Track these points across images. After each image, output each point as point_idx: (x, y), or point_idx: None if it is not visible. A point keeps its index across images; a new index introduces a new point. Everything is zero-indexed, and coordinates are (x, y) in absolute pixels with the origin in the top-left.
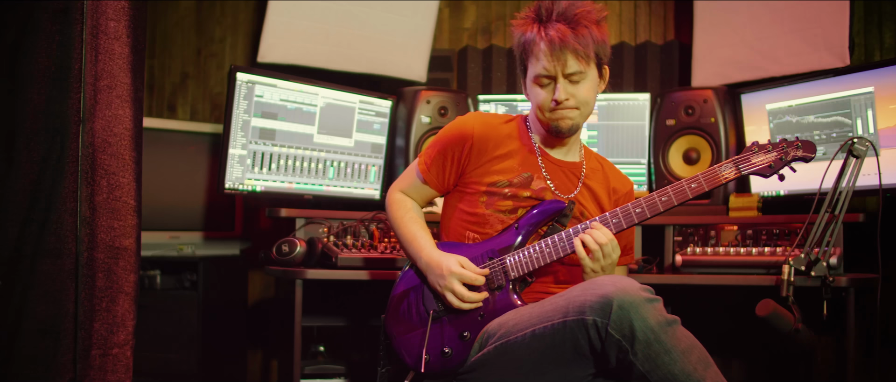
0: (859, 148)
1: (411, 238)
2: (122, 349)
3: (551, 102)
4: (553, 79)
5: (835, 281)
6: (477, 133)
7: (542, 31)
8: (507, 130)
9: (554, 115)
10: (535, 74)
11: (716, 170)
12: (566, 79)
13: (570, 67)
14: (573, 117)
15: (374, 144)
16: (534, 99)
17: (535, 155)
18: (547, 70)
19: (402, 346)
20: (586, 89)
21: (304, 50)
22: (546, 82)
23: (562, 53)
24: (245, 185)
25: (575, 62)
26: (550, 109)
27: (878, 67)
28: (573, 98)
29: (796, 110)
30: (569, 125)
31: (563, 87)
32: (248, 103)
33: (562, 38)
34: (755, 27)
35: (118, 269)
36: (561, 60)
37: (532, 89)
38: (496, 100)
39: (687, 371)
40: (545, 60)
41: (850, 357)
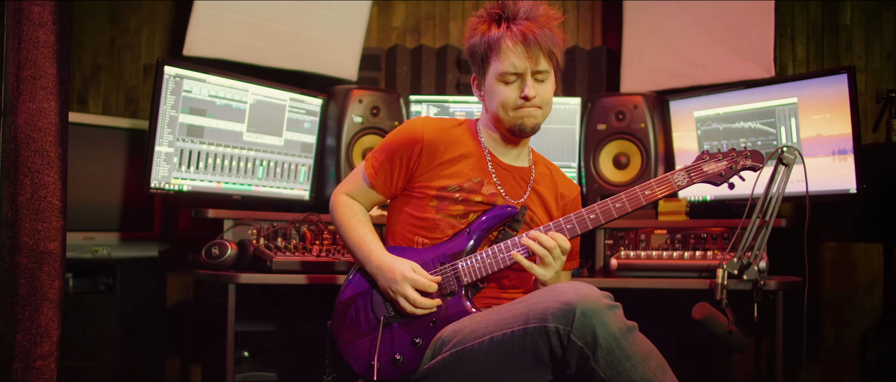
0: (788, 157)
1: (360, 242)
2: (46, 361)
3: (519, 100)
4: (521, 76)
5: (766, 284)
6: (427, 137)
7: (511, 29)
8: (457, 134)
9: (520, 113)
10: (502, 71)
11: (669, 177)
12: (533, 77)
13: (540, 65)
14: (537, 116)
15: (305, 143)
16: (497, 98)
17: (486, 160)
18: (516, 67)
19: (351, 353)
20: (548, 90)
21: (233, 44)
22: (513, 80)
23: (534, 50)
24: (171, 184)
25: (544, 61)
26: (516, 106)
27: (801, 79)
28: (538, 97)
29: (723, 118)
30: (533, 124)
31: (532, 83)
32: (176, 99)
33: (534, 36)
34: (684, 36)
35: (42, 275)
36: (533, 58)
37: (494, 88)
38: (427, 101)
39: (647, 377)
40: (515, 57)
41: (779, 358)
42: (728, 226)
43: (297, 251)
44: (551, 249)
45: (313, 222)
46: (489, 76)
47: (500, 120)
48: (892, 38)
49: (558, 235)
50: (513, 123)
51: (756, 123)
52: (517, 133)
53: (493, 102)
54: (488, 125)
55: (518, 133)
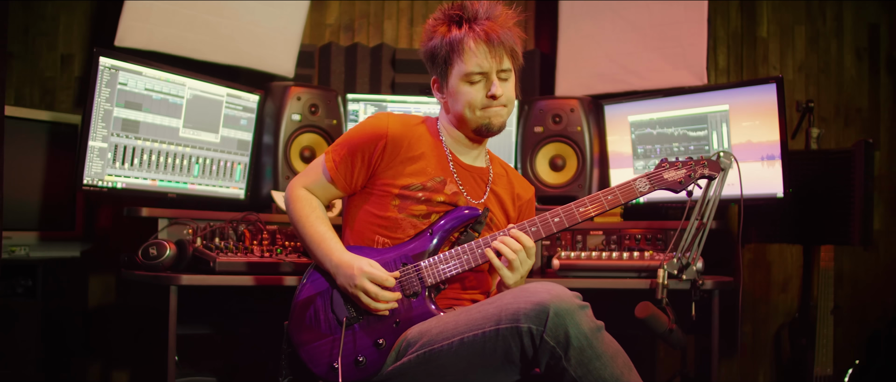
0: (724, 161)
1: (319, 239)
2: None
3: (486, 99)
4: (486, 75)
5: (704, 284)
6: (391, 133)
7: (473, 29)
8: (420, 132)
9: (487, 112)
10: (467, 71)
11: (632, 184)
12: (498, 76)
13: (504, 64)
14: (503, 115)
15: (241, 140)
16: (463, 98)
17: (447, 159)
18: (481, 67)
19: (310, 355)
20: (512, 88)
21: (167, 36)
22: (478, 80)
23: (498, 50)
24: (105, 181)
25: (507, 59)
26: (483, 106)
27: (733, 88)
28: (504, 95)
29: (657, 123)
30: (499, 123)
31: (498, 83)
32: (111, 91)
33: (498, 36)
34: (619, 43)
35: None
36: (497, 57)
37: (460, 89)
38: (365, 99)
39: (615, 375)
40: (481, 57)
41: (715, 354)
42: (661, 228)
43: (239, 251)
44: (517, 251)
45: (252, 222)
46: (453, 78)
47: (465, 121)
48: (803, 52)
49: (525, 237)
50: (480, 122)
51: (689, 129)
52: (484, 133)
53: (459, 103)
54: (450, 126)
55: (485, 133)
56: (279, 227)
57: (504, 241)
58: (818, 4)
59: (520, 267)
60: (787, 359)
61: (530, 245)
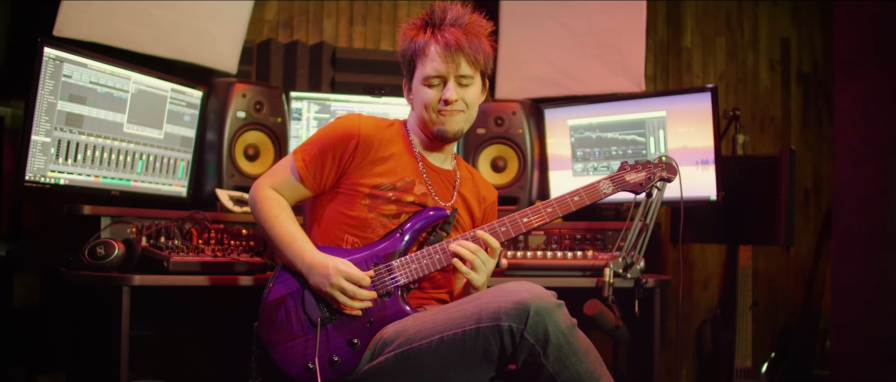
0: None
1: (289, 239)
2: None
3: (440, 102)
4: (444, 80)
5: (647, 282)
6: (363, 133)
7: (436, 35)
8: (390, 133)
9: (441, 117)
10: (426, 74)
11: (596, 186)
12: (456, 81)
13: (462, 70)
14: (458, 121)
15: (184, 137)
16: (421, 100)
17: (417, 161)
18: (438, 71)
19: (283, 356)
20: (473, 95)
21: (109, 27)
22: (436, 83)
23: (456, 56)
24: (47, 177)
25: (467, 66)
26: (438, 109)
27: (670, 95)
28: (461, 101)
29: (597, 128)
30: (455, 129)
31: (454, 88)
32: (55, 84)
33: (457, 42)
34: (559, 48)
35: None
36: (455, 62)
37: (419, 91)
38: (309, 98)
39: (589, 370)
40: (439, 61)
41: (657, 349)
42: (600, 228)
43: (190, 251)
44: (476, 252)
45: (198, 221)
46: (415, 80)
47: (425, 122)
48: (723, 62)
49: (487, 236)
50: (435, 126)
51: (627, 134)
52: (439, 138)
53: (418, 104)
54: (416, 127)
55: (440, 138)
56: (226, 226)
57: (462, 244)
58: (737, 18)
59: (482, 267)
60: (709, 353)
61: (495, 246)
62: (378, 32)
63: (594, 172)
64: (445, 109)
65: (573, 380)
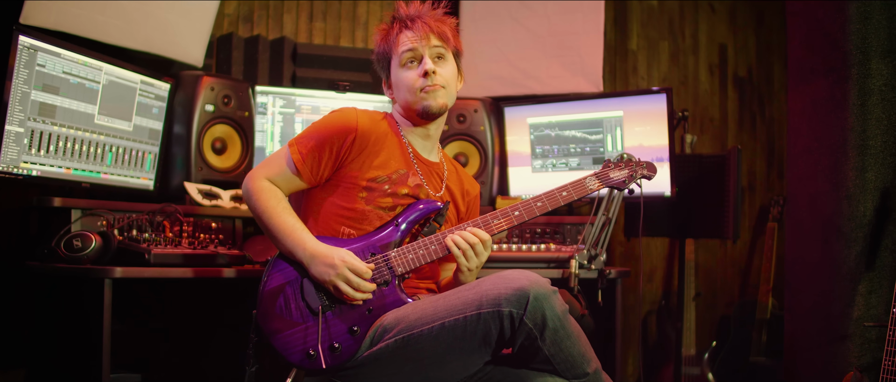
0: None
1: (289, 230)
2: None
3: (420, 77)
4: (416, 55)
5: (610, 273)
6: (361, 127)
7: (404, 23)
8: (384, 127)
9: (424, 93)
10: (401, 55)
11: (582, 182)
12: (430, 56)
13: (433, 42)
14: (440, 95)
15: (152, 129)
16: (403, 84)
17: (408, 153)
18: (411, 46)
19: (284, 344)
20: (449, 72)
21: (76, 17)
22: (412, 64)
23: (424, 29)
24: (20, 168)
25: (436, 39)
26: (421, 86)
27: (627, 95)
28: (439, 75)
29: (556, 126)
30: (440, 104)
31: (429, 60)
32: (29, 73)
33: (423, 20)
34: (519, 49)
35: None
36: (424, 36)
37: (399, 77)
38: (274, 92)
39: (581, 352)
40: (410, 39)
41: (618, 338)
42: (559, 223)
43: (169, 243)
44: (475, 245)
45: (169, 213)
46: (393, 71)
47: (409, 107)
48: (667, 65)
49: (482, 231)
50: (420, 103)
51: (585, 132)
52: (425, 115)
53: (401, 90)
54: (402, 118)
55: (425, 115)
56: (196, 219)
57: (462, 235)
58: (679, 23)
59: (475, 259)
60: (654, 343)
61: (487, 239)
62: (338, 29)
63: (553, 168)
64: (427, 84)
65: (567, 361)
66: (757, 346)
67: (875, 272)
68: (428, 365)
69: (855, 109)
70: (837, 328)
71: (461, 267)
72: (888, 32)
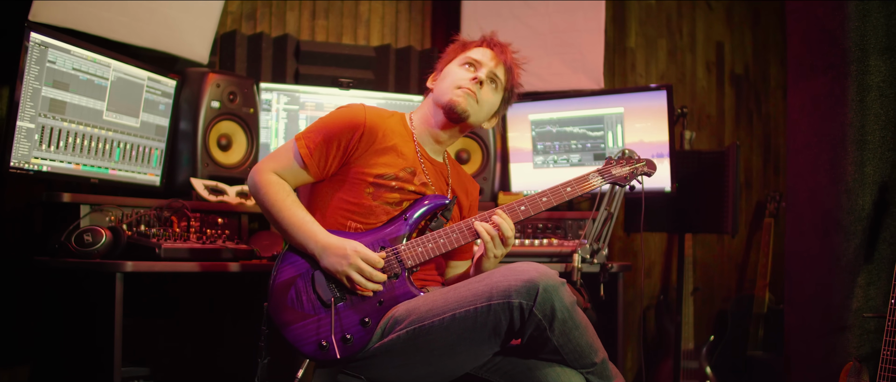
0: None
1: (300, 223)
2: None
3: (468, 80)
4: (478, 66)
5: (612, 267)
6: (369, 123)
7: (485, 44)
8: (392, 124)
9: (459, 91)
10: (466, 55)
11: (586, 178)
12: (487, 76)
13: (498, 71)
14: (471, 104)
15: (159, 126)
16: (451, 76)
17: (417, 152)
18: (480, 59)
19: (296, 335)
20: (491, 99)
21: (84, 14)
22: (471, 65)
23: (499, 56)
24: (31, 164)
25: (501, 74)
26: (462, 84)
27: (628, 92)
28: (483, 92)
29: (557, 122)
30: (463, 107)
31: (485, 77)
32: (40, 69)
33: (502, 50)
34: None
35: None
36: (494, 59)
37: (452, 69)
38: (278, 89)
39: (589, 342)
40: (482, 54)
41: (621, 331)
42: (560, 218)
43: (178, 238)
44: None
45: (177, 209)
46: (449, 65)
47: (441, 97)
48: (664, 62)
49: (508, 217)
50: (450, 98)
51: (586, 129)
52: (448, 112)
53: (445, 80)
54: (426, 116)
55: (449, 110)
56: (202, 214)
57: (493, 221)
58: (676, 21)
59: (502, 246)
60: (653, 337)
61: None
62: (340, 26)
63: (554, 164)
64: (467, 86)
65: (575, 352)
66: (754, 340)
67: (873, 264)
68: (438, 356)
69: (854, 105)
70: (837, 319)
71: (488, 253)
72: (886, 30)
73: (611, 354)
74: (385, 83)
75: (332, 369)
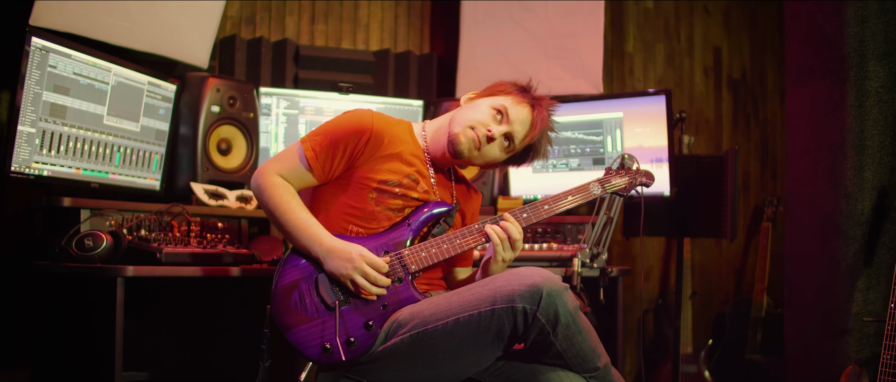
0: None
1: (305, 225)
2: None
3: (484, 128)
4: (503, 119)
5: (612, 271)
6: (375, 129)
7: (530, 102)
8: (399, 131)
9: (470, 134)
10: (501, 104)
11: (587, 187)
12: (503, 135)
13: (516, 136)
14: (473, 151)
15: (159, 130)
16: (475, 112)
17: (423, 159)
18: (513, 116)
19: (299, 338)
20: (496, 153)
21: (85, 18)
22: (498, 117)
23: (523, 127)
24: (32, 169)
25: (520, 139)
26: (474, 127)
27: (627, 97)
28: (489, 146)
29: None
30: (461, 150)
31: (499, 135)
32: (41, 74)
33: (533, 124)
34: (519, 51)
35: None
36: (519, 126)
37: (481, 107)
38: (278, 94)
39: (592, 347)
40: (521, 113)
41: (620, 334)
42: (560, 222)
43: (178, 243)
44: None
45: (177, 214)
46: (487, 99)
47: (453, 126)
48: (662, 67)
49: (516, 222)
50: (457, 132)
51: (585, 133)
52: (450, 146)
53: (470, 113)
54: (440, 131)
55: (451, 146)
56: (202, 219)
57: (501, 225)
58: (674, 26)
59: (511, 250)
60: (651, 341)
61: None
62: (339, 31)
63: (553, 169)
64: (478, 133)
65: (578, 356)
66: (752, 344)
67: (873, 268)
68: (441, 360)
69: (853, 110)
70: (836, 323)
71: (496, 257)
72: (884, 36)
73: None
74: (384, 88)
75: (336, 372)
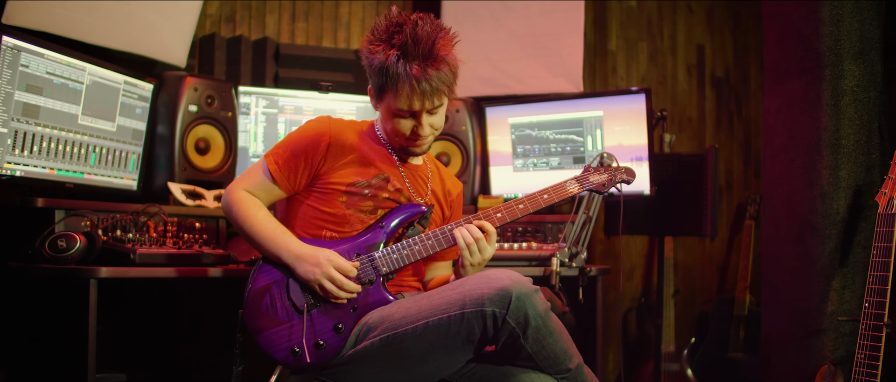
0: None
1: (273, 234)
2: None
3: (411, 133)
4: (415, 114)
5: (591, 271)
6: (333, 135)
7: (407, 68)
8: (359, 132)
9: (411, 144)
10: (398, 108)
11: (563, 185)
12: (427, 113)
13: (434, 103)
14: (424, 145)
15: (136, 130)
16: (390, 125)
17: (391, 156)
18: (412, 107)
19: (269, 341)
20: (440, 118)
21: (60, 17)
22: (406, 116)
23: (430, 96)
24: (4, 169)
25: (437, 99)
26: (408, 138)
27: (607, 95)
28: (431, 127)
29: (536, 125)
30: (422, 151)
31: (426, 120)
32: (13, 73)
33: (431, 82)
34: (500, 49)
35: None
36: (429, 101)
37: (388, 117)
38: (257, 93)
39: (563, 348)
40: (414, 100)
41: (600, 334)
42: (540, 221)
43: (153, 243)
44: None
45: (153, 214)
46: (385, 103)
47: (391, 138)
48: (645, 65)
49: (488, 224)
50: (401, 148)
51: (566, 132)
52: (404, 157)
53: (388, 126)
54: (385, 134)
55: (405, 158)
56: (179, 219)
57: (469, 228)
58: (657, 24)
59: (479, 254)
60: (634, 340)
61: (492, 231)
62: (320, 29)
63: (534, 168)
64: (408, 142)
65: (549, 358)
66: (735, 342)
67: (848, 267)
68: (412, 363)
69: (828, 109)
70: (812, 322)
71: (464, 263)
72: (859, 35)
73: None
74: (365, 87)
75: (306, 375)
